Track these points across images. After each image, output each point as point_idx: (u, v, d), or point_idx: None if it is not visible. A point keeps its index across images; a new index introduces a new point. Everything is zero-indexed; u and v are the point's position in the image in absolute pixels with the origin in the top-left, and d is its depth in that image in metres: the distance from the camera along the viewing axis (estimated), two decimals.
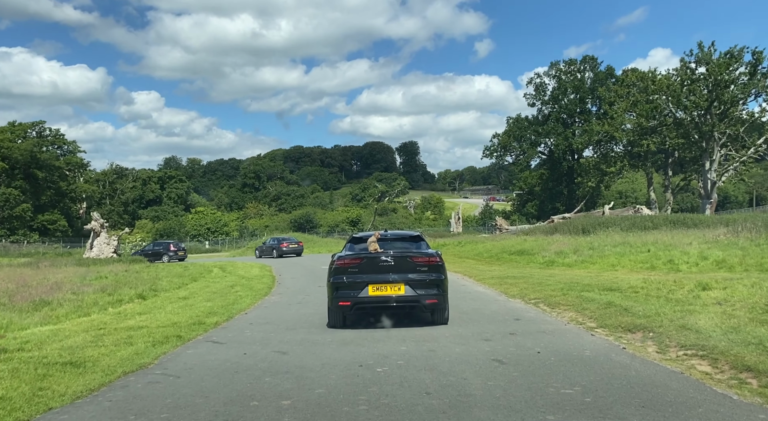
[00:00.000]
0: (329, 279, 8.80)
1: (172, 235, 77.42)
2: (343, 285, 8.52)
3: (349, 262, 8.65)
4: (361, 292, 8.36)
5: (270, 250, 35.81)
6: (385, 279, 8.40)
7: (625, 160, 59.68)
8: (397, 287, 8.36)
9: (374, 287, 8.36)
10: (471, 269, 18.72)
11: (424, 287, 8.42)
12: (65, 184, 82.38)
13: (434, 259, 8.72)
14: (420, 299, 8.38)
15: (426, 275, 8.50)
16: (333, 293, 8.65)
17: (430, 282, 8.48)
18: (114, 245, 32.19)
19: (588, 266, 17.09)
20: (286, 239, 37.25)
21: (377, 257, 8.55)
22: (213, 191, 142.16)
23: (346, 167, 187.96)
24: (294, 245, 35.60)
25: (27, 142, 74.26)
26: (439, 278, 8.62)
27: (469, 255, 25.04)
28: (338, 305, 8.56)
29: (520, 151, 74.45)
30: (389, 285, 8.38)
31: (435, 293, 8.46)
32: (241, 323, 9.60)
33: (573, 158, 72.92)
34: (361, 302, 8.42)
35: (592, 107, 71.81)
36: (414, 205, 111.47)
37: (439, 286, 8.55)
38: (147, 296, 13.12)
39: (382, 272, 8.45)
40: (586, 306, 9.48)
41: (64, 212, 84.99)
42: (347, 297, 8.43)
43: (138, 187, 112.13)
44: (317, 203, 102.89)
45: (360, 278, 8.44)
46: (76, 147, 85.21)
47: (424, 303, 8.43)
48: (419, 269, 8.52)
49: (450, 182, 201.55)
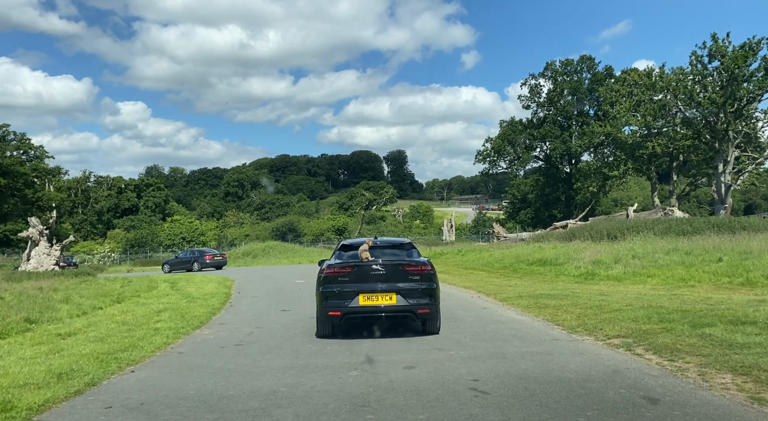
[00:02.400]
0: (318, 288, 8.50)
1: (144, 245, 72.51)
2: (332, 294, 8.22)
3: (338, 270, 8.35)
4: (351, 301, 8.10)
5: (186, 263, 33.00)
6: (376, 288, 8.13)
7: (629, 163, 56.03)
8: (389, 297, 8.09)
9: (365, 297, 8.10)
10: (486, 284, 14.42)
11: (417, 297, 8.16)
12: (32, 191, 76.80)
13: (426, 267, 8.42)
14: (413, 308, 8.12)
15: (418, 284, 8.23)
16: (322, 302, 8.32)
17: (422, 291, 8.21)
18: (56, 256, 27.45)
19: (645, 279, 12.92)
20: (208, 251, 34.99)
21: (368, 266, 8.24)
22: (195, 201, 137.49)
23: (333, 176, 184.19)
24: (218, 257, 33.72)
25: None
26: (431, 286, 8.33)
27: (475, 266, 20.78)
28: (328, 315, 8.27)
29: (515, 156, 70.62)
30: (380, 294, 8.11)
31: (427, 302, 8.20)
32: (92, 406, 5.03)
33: (571, 163, 69.34)
34: (351, 312, 8.15)
35: (590, 110, 68.34)
36: (402, 213, 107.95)
37: (431, 295, 8.28)
38: (9, 331, 8.60)
39: (373, 281, 8.18)
40: (742, 360, 5.17)
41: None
42: (337, 307, 8.14)
43: (113, 196, 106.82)
44: (303, 212, 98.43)
45: (350, 287, 8.16)
46: (43, 152, 79.83)
47: (417, 313, 8.17)
48: (411, 277, 8.25)
49: (438, 191, 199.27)
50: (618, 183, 58.79)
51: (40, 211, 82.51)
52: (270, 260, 38.55)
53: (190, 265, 32.37)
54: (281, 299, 13.43)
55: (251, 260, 39.77)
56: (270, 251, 42.30)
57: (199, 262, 32.26)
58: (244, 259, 40.92)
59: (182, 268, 32.53)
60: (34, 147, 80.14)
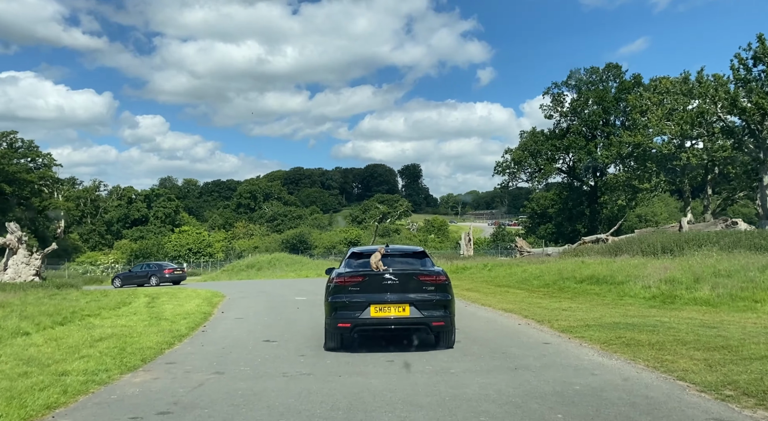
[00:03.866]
0: (327, 298, 8.04)
1: (149, 256, 70.17)
2: (342, 305, 7.74)
3: (349, 280, 7.86)
4: (362, 313, 7.61)
5: (141, 278, 31.30)
6: (388, 299, 7.65)
7: (661, 175, 52.50)
8: (401, 308, 7.60)
9: (376, 308, 7.62)
10: (531, 307, 11.34)
11: (431, 308, 7.66)
12: (38, 200, 74.89)
13: (441, 277, 7.94)
14: (427, 321, 7.62)
15: (432, 295, 7.75)
16: (331, 313, 7.83)
17: (436, 303, 7.73)
18: (36, 266, 24.73)
19: (752, 305, 9.84)
20: (167, 265, 33.55)
21: (380, 275, 7.79)
22: (207, 212, 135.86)
23: (347, 189, 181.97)
24: (178, 272, 32.47)
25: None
26: (446, 298, 7.85)
27: (508, 283, 17.65)
28: (337, 327, 7.75)
29: (536, 168, 67.27)
30: (393, 306, 7.62)
31: (442, 314, 7.70)
32: None
33: (596, 175, 65.94)
34: (362, 324, 7.66)
35: (616, 119, 64.96)
36: (417, 227, 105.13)
37: (446, 307, 7.79)
38: None
39: (385, 292, 7.71)
40: None
41: (38, 231, 77.29)
42: (347, 318, 7.66)
43: (123, 206, 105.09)
44: (315, 225, 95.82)
45: (361, 297, 7.70)
46: (51, 160, 78.05)
47: (431, 325, 7.67)
48: (425, 288, 7.75)
49: (452, 206, 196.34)
50: (649, 197, 55.19)
51: (47, 220, 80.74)
52: (275, 273, 35.63)
53: (146, 279, 30.95)
54: (270, 323, 10.47)
55: (255, 273, 36.87)
56: (276, 263, 39.43)
57: (157, 276, 31.00)
58: (247, 271, 38.06)
59: (135, 282, 30.68)
60: (42, 155, 78.56)
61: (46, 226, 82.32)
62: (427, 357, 7.07)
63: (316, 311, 12.31)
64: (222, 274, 40.41)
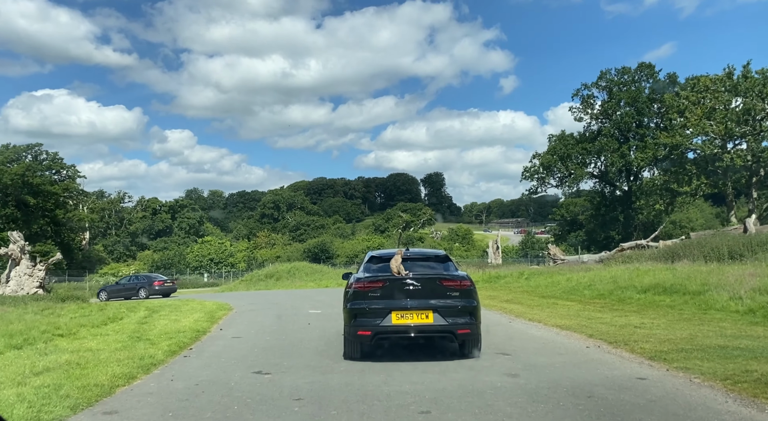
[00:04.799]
0: (345, 305, 7.61)
1: (170, 267, 69.24)
2: (362, 312, 7.34)
3: (369, 285, 7.42)
4: (383, 320, 7.21)
5: (129, 290, 30.22)
6: (410, 305, 7.23)
7: (702, 178, 49.41)
8: (425, 315, 7.18)
9: (398, 315, 7.21)
10: (593, 323, 9.19)
11: (455, 315, 7.23)
12: (62, 212, 74.68)
13: (466, 282, 7.51)
14: (452, 328, 7.16)
15: (457, 301, 7.31)
16: (351, 320, 7.41)
17: (462, 309, 7.29)
18: (40, 277, 23.30)
19: None
20: (157, 277, 32.49)
21: (401, 280, 7.37)
22: (232, 223, 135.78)
23: (370, 199, 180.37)
24: (168, 283, 31.58)
25: (18, 166, 67.33)
26: (471, 304, 7.40)
27: (553, 293, 15.44)
28: (357, 335, 7.35)
29: (566, 173, 64.37)
30: (416, 312, 7.20)
31: (467, 321, 7.26)
32: None
33: (629, 179, 62.84)
34: (383, 332, 7.23)
35: (650, 121, 61.86)
36: (441, 236, 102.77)
37: (472, 313, 7.36)
38: None
39: (407, 298, 7.30)
40: None
41: (63, 243, 77.03)
42: (367, 325, 7.25)
43: (148, 217, 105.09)
44: (338, 234, 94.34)
45: (382, 303, 7.29)
46: (75, 172, 77.96)
47: (456, 333, 7.19)
48: (449, 293, 7.34)
49: (477, 215, 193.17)
50: (689, 201, 52.05)
51: (72, 232, 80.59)
52: (294, 283, 33.83)
53: (135, 292, 29.85)
54: (272, 344, 8.55)
55: (273, 283, 35.13)
56: (296, 272, 37.65)
57: (146, 288, 29.97)
58: (266, 281, 36.33)
59: (122, 295, 29.42)
60: (66, 167, 78.59)
61: (71, 238, 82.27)
62: (479, 406, 4.97)
63: (330, 328, 10.36)
64: (240, 284, 38.78)
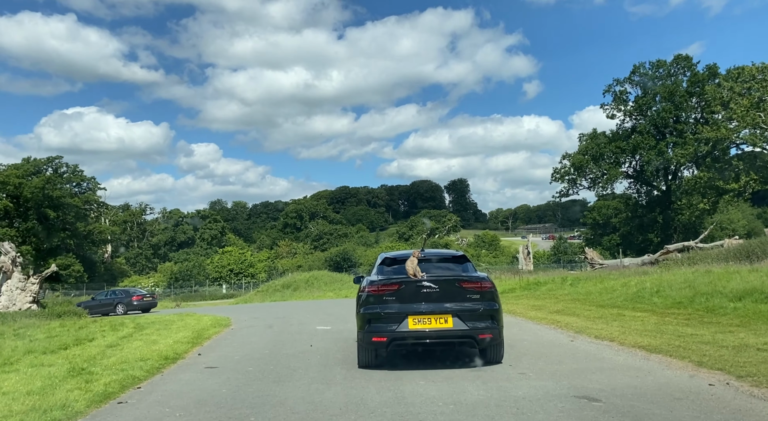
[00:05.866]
0: (359, 309, 7.15)
1: (190, 279, 67.71)
2: (377, 317, 6.88)
3: (383, 288, 6.99)
4: (399, 325, 6.76)
5: (107, 306, 29.02)
6: (428, 309, 6.80)
7: (751, 173, 45.79)
8: (443, 319, 6.75)
9: (415, 319, 6.75)
10: (688, 342, 7.01)
11: (476, 319, 6.80)
12: (83, 225, 73.88)
13: (487, 284, 7.06)
14: (473, 333, 6.73)
15: (478, 304, 6.88)
16: (365, 326, 6.97)
17: (483, 312, 6.85)
18: (33, 291, 21.39)
19: None
20: (136, 292, 31.38)
21: (417, 282, 6.95)
22: (256, 233, 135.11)
23: (393, 207, 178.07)
24: (148, 298, 30.53)
25: (38, 179, 66.83)
26: (493, 307, 6.95)
27: (612, 302, 12.77)
28: (371, 341, 6.91)
29: (599, 173, 60.89)
30: (434, 316, 6.76)
31: (489, 325, 6.83)
32: None
33: (667, 178, 59.18)
34: (399, 338, 6.79)
35: (689, 116, 58.13)
36: (467, 242, 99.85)
37: (493, 317, 6.91)
38: None
39: (424, 301, 6.87)
40: None
41: (85, 256, 76.22)
42: (382, 331, 6.81)
43: (170, 229, 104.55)
44: (361, 242, 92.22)
45: (397, 307, 6.84)
46: (95, 184, 77.30)
47: (477, 339, 6.76)
48: (469, 296, 6.89)
49: (503, 221, 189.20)
50: (738, 199, 48.32)
51: (93, 245, 79.94)
52: (312, 293, 31.50)
53: (112, 308, 28.81)
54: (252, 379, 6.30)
55: (290, 294, 32.84)
56: (314, 282, 35.38)
57: (124, 303, 28.86)
58: (282, 292, 34.09)
59: (99, 312, 28.00)
60: (86, 179, 77.98)
61: (93, 251, 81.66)
62: None
63: (335, 352, 8.01)
64: (256, 295, 36.61)
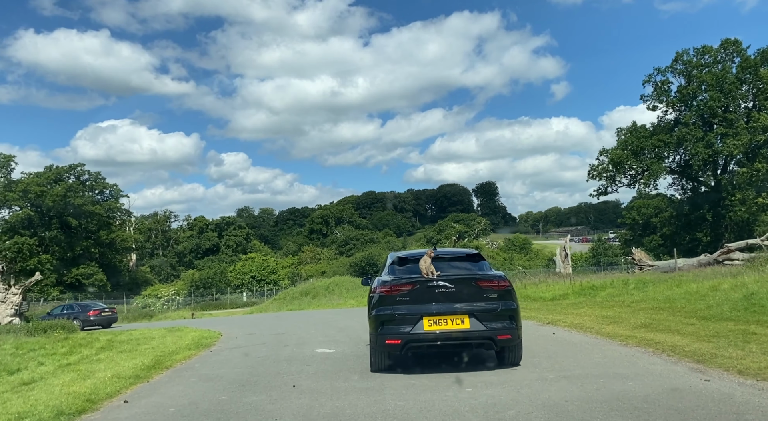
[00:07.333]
0: (371, 311, 6.99)
1: (211, 286, 65.70)
2: (390, 318, 6.68)
3: (396, 288, 6.79)
4: (414, 327, 6.57)
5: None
6: (444, 310, 6.63)
7: None
8: (460, 320, 6.60)
9: (430, 321, 6.57)
10: None
11: (494, 319, 6.62)
12: (106, 233, 72.73)
13: (504, 282, 6.93)
14: (491, 334, 6.55)
15: (495, 304, 6.70)
16: (378, 328, 6.74)
17: (501, 312, 6.69)
18: (15, 303, 19.07)
19: None
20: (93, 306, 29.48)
21: (432, 282, 6.76)
22: (282, 240, 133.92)
23: (420, 212, 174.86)
24: (107, 312, 28.75)
25: (60, 187, 65.92)
26: (511, 306, 6.79)
27: (714, 313, 9.74)
28: (385, 344, 6.71)
29: (640, 169, 56.59)
30: (450, 317, 6.61)
31: (507, 326, 6.65)
32: None
33: (716, 173, 54.63)
34: (414, 340, 6.57)
35: (738, 106, 53.45)
36: (497, 246, 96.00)
37: (512, 317, 6.75)
38: None
39: (439, 301, 6.69)
40: None
41: (109, 265, 75.04)
42: (396, 334, 6.60)
43: (195, 236, 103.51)
44: (388, 247, 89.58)
45: (412, 308, 6.65)
46: (118, 191, 76.16)
47: (496, 339, 6.58)
48: (486, 295, 6.74)
49: (533, 224, 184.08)
50: None
51: (117, 253, 78.85)
52: (331, 301, 28.75)
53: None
54: None
55: (308, 302, 30.13)
56: (335, 288, 32.68)
57: (80, 319, 26.69)
58: (300, 300, 31.42)
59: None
60: (109, 186, 76.93)
61: (118, 259, 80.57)
62: None
63: (327, 397, 5.08)
64: (272, 303, 34.04)
